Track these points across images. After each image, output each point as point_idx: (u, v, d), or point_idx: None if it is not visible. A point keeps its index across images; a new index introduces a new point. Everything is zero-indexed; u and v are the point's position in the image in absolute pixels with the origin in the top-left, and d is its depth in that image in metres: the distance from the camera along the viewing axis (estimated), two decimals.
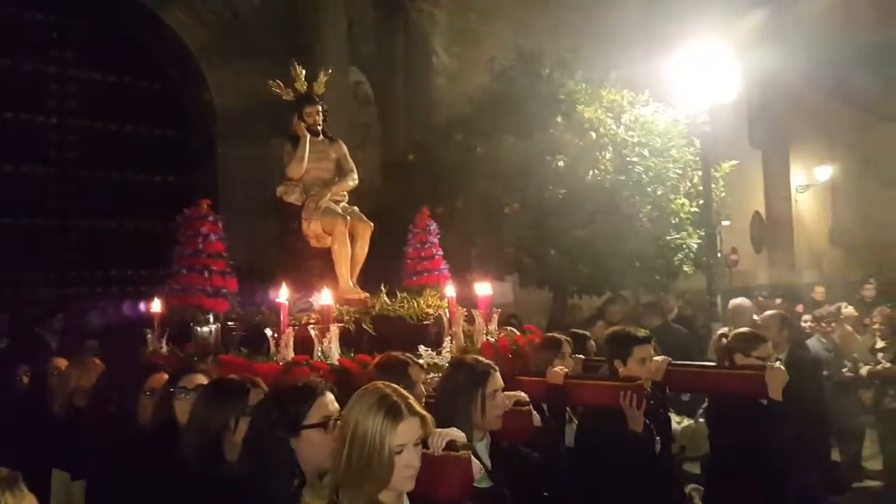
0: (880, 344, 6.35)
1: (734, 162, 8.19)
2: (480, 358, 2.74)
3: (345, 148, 4.95)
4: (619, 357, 3.32)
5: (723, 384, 3.43)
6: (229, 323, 4.43)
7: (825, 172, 14.45)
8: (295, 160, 4.67)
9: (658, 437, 3.18)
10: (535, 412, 2.84)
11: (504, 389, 2.70)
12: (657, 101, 7.92)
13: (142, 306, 5.25)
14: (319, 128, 4.81)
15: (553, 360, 3.46)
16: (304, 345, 3.68)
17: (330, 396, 2.11)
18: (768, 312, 6.90)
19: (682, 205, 7.57)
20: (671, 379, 3.41)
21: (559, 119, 7.47)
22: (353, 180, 4.91)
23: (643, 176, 7.27)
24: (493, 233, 7.41)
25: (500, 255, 7.66)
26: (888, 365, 6.00)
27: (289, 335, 3.69)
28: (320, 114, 4.81)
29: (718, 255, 8.08)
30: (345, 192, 4.89)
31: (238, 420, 2.29)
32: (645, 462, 3.10)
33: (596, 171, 7.26)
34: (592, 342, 4.17)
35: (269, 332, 3.78)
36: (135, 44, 8.90)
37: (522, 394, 2.84)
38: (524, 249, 7.57)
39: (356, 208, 4.86)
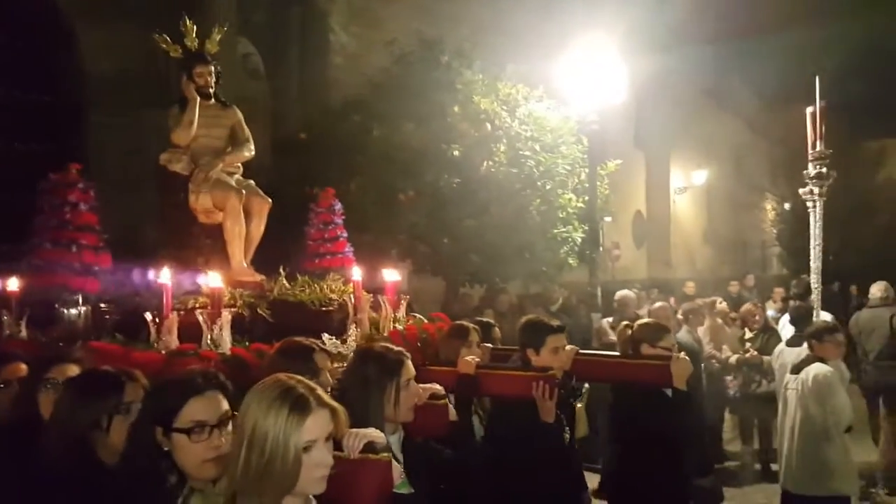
0: (749, 335, 6.89)
1: (619, 161, 8.60)
2: (391, 346, 2.60)
3: (240, 115, 4.59)
4: (532, 346, 3.27)
5: (630, 373, 3.43)
6: (101, 305, 4.02)
7: (702, 176, 15.54)
8: (182, 125, 4.31)
9: (567, 427, 3.16)
10: (450, 405, 2.71)
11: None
12: (550, 97, 8.13)
13: None
14: (211, 90, 4.45)
15: (461, 349, 3.36)
16: (190, 332, 3.39)
17: (211, 397, 1.87)
18: (659, 304, 7.35)
19: (570, 200, 7.85)
20: (578, 368, 3.37)
21: (456, 108, 7.49)
22: (248, 151, 4.56)
23: (534, 170, 7.46)
24: (388, 218, 7.33)
25: (394, 241, 7.60)
26: (754, 353, 6.48)
27: (172, 321, 3.39)
28: (213, 75, 4.45)
29: (601, 249, 8.43)
30: (239, 164, 4.54)
31: (112, 418, 2.06)
32: (556, 453, 3.07)
33: (490, 163, 7.37)
34: (497, 330, 4.13)
35: (148, 316, 3.46)
36: None
37: (437, 386, 2.70)
38: (418, 237, 7.55)
39: (252, 182, 4.50)
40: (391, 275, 4.09)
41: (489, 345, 3.71)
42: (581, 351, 3.50)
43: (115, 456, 2.02)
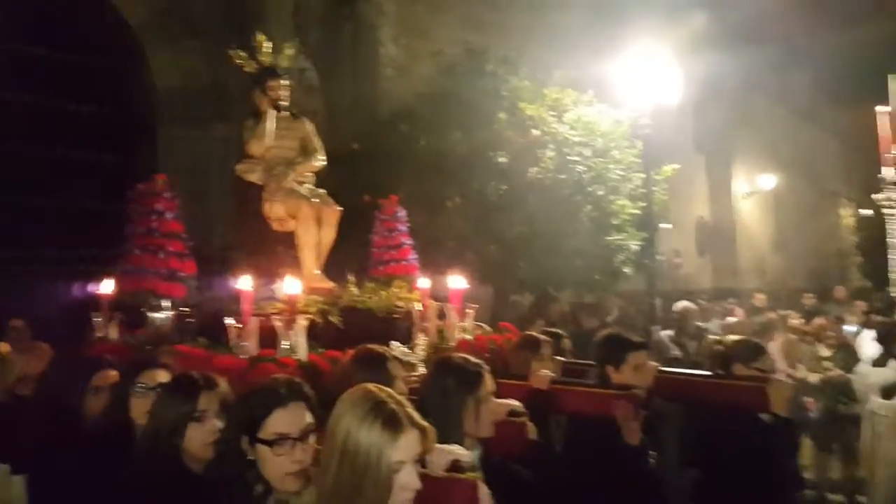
0: (825, 353, 6.44)
1: (676, 166, 8.34)
2: (469, 357, 2.48)
3: (310, 126, 4.72)
4: (612, 362, 3.07)
5: (722, 395, 3.14)
6: (183, 310, 4.14)
7: (769, 181, 14.86)
8: (256, 136, 4.43)
9: (652, 452, 2.90)
10: (529, 423, 2.58)
11: None
12: (602, 101, 7.98)
13: (90, 287, 4.80)
14: (284, 103, 4.58)
15: (532, 362, 3.20)
16: (265, 337, 3.43)
17: (295, 409, 1.83)
18: (733, 319, 6.98)
19: (623, 206, 7.66)
20: (663, 387, 3.13)
21: (502, 115, 7.46)
22: (318, 160, 4.67)
23: (584, 176, 7.33)
24: (435, 226, 7.35)
25: (441, 249, 7.61)
26: (839, 372, 5.97)
27: (252, 326, 3.41)
28: (285, 88, 4.59)
29: (658, 257, 8.17)
30: (310, 173, 4.64)
31: (186, 425, 2.08)
32: (639, 478, 2.83)
33: (537, 169, 7.28)
34: (567, 341, 3.90)
35: (230, 321, 3.48)
36: (74, 18, 8.53)
37: (515, 402, 2.56)
38: (466, 244, 7.53)
39: (323, 191, 4.58)
40: (457, 282, 4.00)
41: (560, 358, 3.51)
42: (662, 369, 3.29)
43: (195, 463, 2.06)
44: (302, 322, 3.39)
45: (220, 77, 8.77)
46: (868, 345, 5.73)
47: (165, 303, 4.05)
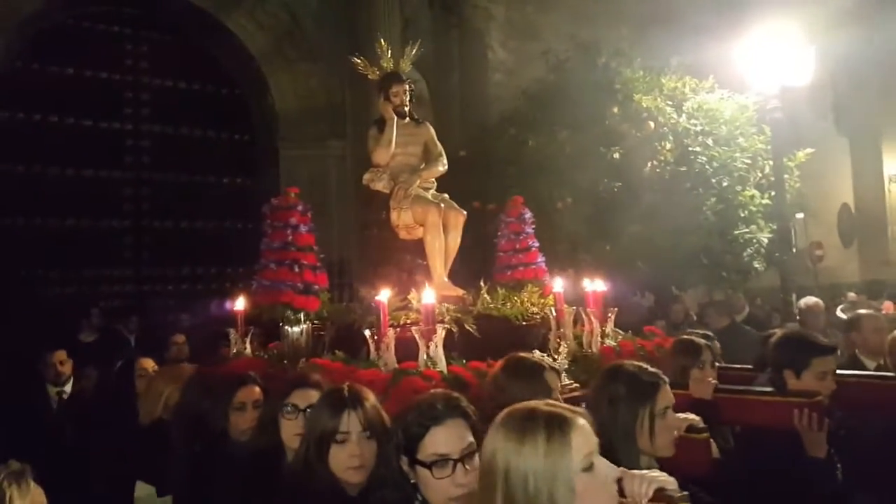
0: None
1: (810, 150, 7.62)
2: (645, 365, 2.24)
3: (432, 131, 4.59)
4: (793, 367, 2.76)
5: None
6: (315, 323, 4.03)
7: None
8: (382, 145, 4.32)
9: (839, 465, 2.62)
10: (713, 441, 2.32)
11: None
12: (724, 87, 7.44)
13: (227, 304, 4.94)
14: (406, 108, 4.45)
15: (692, 370, 2.93)
16: (401, 348, 3.31)
17: (453, 426, 1.68)
18: (867, 311, 6.31)
19: (752, 197, 7.10)
20: (845, 394, 2.80)
21: (615, 109, 7.15)
22: (442, 165, 4.52)
23: (707, 166, 6.87)
24: (545, 228, 7.16)
25: (553, 250, 7.41)
26: None
27: (391, 337, 3.28)
28: (407, 93, 4.45)
29: (793, 250, 7.47)
30: (433, 179, 4.50)
31: (329, 445, 1.95)
32: (828, 496, 2.58)
33: (655, 163, 6.90)
34: (717, 344, 3.56)
35: (368, 333, 3.38)
36: (202, 51, 9.23)
37: (694, 416, 2.29)
38: (579, 245, 7.28)
39: (447, 195, 4.45)
40: (596, 285, 3.81)
41: (717, 363, 3.18)
42: (840, 372, 2.94)
43: (348, 486, 1.94)
44: (441, 332, 3.25)
45: (335, 97, 9.16)
46: None
47: (302, 316, 3.94)
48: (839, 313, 6.75)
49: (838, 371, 2.91)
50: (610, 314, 3.87)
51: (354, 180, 8.89)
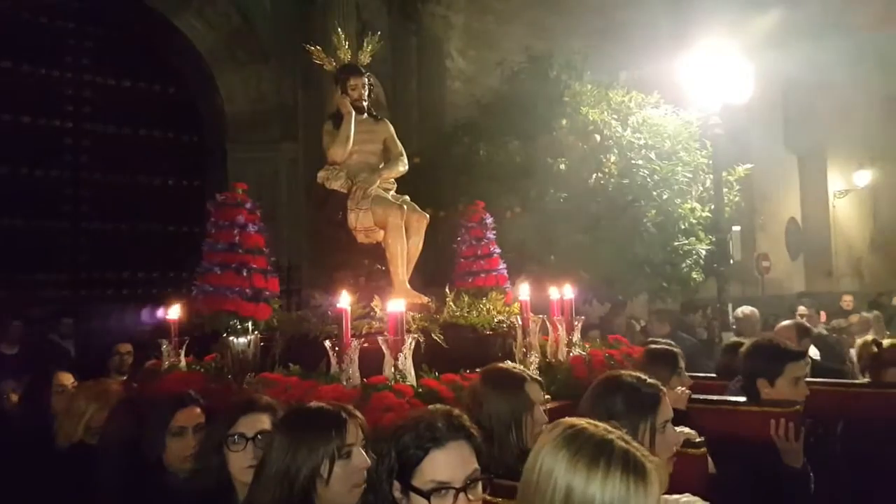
0: None
1: (749, 166, 8.09)
2: (643, 376, 2.17)
3: (392, 128, 4.46)
4: (766, 375, 2.77)
5: (882, 406, 2.95)
6: (263, 332, 3.77)
7: (864, 177, 14.08)
8: (339, 141, 4.14)
9: (812, 475, 2.62)
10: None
11: None
12: (670, 102, 7.87)
13: (160, 312, 4.84)
14: (365, 103, 4.30)
15: (670, 379, 2.84)
16: (362, 361, 3.13)
17: (455, 450, 1.54)
18: (785, 322, 6.79)
19: (692, 209, 7.49)
20: (816, 401, 2.80)
21: (564, 122, 7.48)
22: (403, 165, 4.38)
23: (648, 179, 7.23)
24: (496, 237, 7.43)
25: (503, 259, 7.68)
26: None
27: (354, 349, 3.08)
28: (366, 87, 4.31)
29: (731, 261, 7.92)
30: (393, 180, 4.36)
31: (333, 464, 1.74)
32: None
33: (599, 175, 7.25)
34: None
35: (328, 344, 3.17)
36: (149, 49, 9.23)
37: (689, 430, 2.24)
38: (527, 254, 7.57)
39: (407, 197, 4.31)
40: (565, 293, 3.77)
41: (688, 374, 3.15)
42: (809, 379, 2.99)
43: None
44: (410, 342, 3.07)
45: (287, 99, 9.29)
46: None
47: (249, 326, 3.66)
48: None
49: (813, 379, 2.99)
50: (577, 323, 3.84)
51: (306, 184, 9.08)
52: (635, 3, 9.85)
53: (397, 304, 3.10)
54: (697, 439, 2.20)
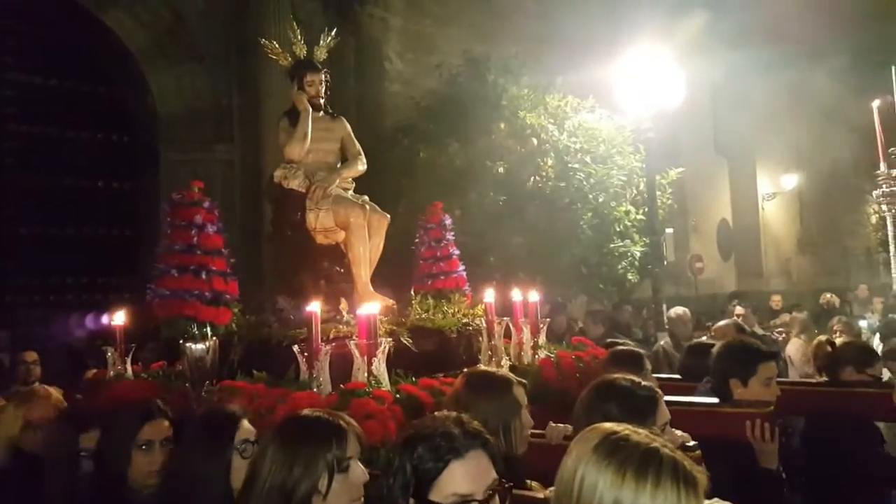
0: None
1: (681, 169, 8.36)
2: (636, 379, 2.14)
3: (349, 127, 4.40)
4: (739, 376, 2.73)
5: (845, 404, 2.97)
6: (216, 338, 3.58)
7: (791, 180, 14.73)
8: (295, 138, 4.03)
9: (784, 475, 2.63)
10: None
11: None
12: (605, 107, 8.04)
13: (102, 319, 4.67)
14: (322, 100, 4.25)
15: None
16: (331, 367, 3.01)
17: (475, 460, 1.47)
18: (723, 322, 7.02)
19: (626, 212, 7.69)
20: (783, 400, 2.78)
21: (502, 125, 7.56)
22: (362, 164, 4.34)
23: (584, 183, 7.38)
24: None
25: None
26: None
27: (325, 355, 2.96)
28: (323, 83, 4.25)
29: (665, 262, 8.16)
30: (351, 180, 4.30)
31: (332, 478, 1.65)
32: None
33: (537, 178, 7.36)
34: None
35: (297, 350, 3.02)
36: (76, 47, 8.90)
37: (681, 433, 2.18)
38: (467, 256, 7.61)
39: (367, 197, 4.24)
40: (529, 295, 3.73)
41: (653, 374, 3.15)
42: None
43: None
44: (384, 346, 2.96)
45: (221, 99, 9.11)
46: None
47: (208, 331, 3.48)
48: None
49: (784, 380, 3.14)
50: (542, 325, 3.79)
51: (241, 185, 8.91)
52: (572, 10, 10.04)
53: (370, 307, 3.00)
54: (691, 442, 2.13)
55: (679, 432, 2.16)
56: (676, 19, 10.20)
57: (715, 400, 2.80)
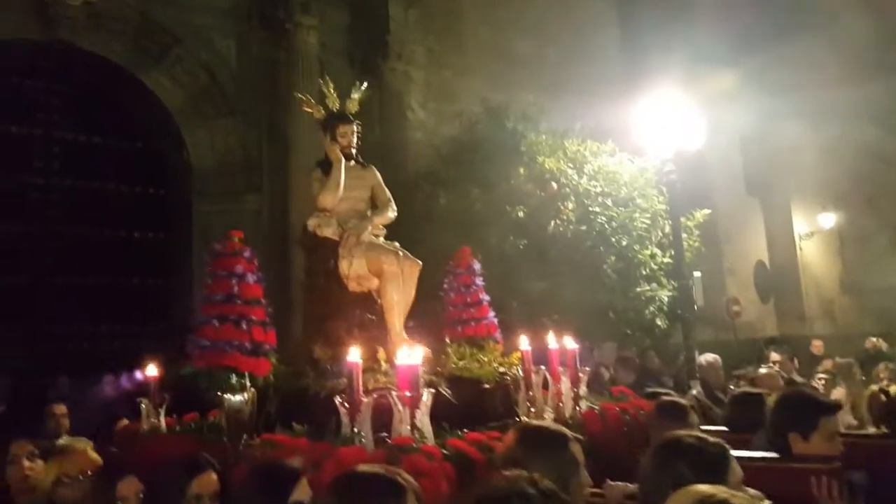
0: None
1: (707, 211, 8.18)
2: (703, 435, 2.02)
3: (379, 175, 4.53)
4: (799, 430, 2.62)
5: None
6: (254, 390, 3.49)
7: (829, 219, 14.27)
8: (329, 187, 4.12)
9: None
10: None
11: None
12: (625, 150, 8.01)
13: (137, 375, 4.65)
14: (354, 150, 4.39)
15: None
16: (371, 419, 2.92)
17: None
18: (763, 370, 6.73)
19: (652, 255, 7.54)
20: (851, 455, 2.69)
21: (521, 170, 7.58)
22: (392, 211, 4.42)
23: (606, 226, 7.30)
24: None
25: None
26: None
27: (367, 406, 2.83)
28: (355, 134, 4.42)
29: (695, 307, 7.92)
30: (382, 227, 4.36)
31: None
32: None
33: (558, 222, 7.31)
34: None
35: (339, 401, 2.90)
36: (117, 106, 9.35)
37: (754, 492, 2.07)
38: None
39: (398, 244, 4.28)
40: (566, 342, 3.71)
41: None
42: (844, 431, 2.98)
43: None
44: (428, 398, 2.84)
45: (252, 152, 9.42)
46: None
47: (244, 382, 3.40)
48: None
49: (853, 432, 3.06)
50: (582, 374, 3.71)
51: (269, 234, 9.08)
52: (590, 57, 10.15)
53: (412, 357, 2.88)
54: (766, 500, 1.99)
55: (753, 491, 2.01)
56: (697, 65, 10.19)
57: (774, 455, 2.64)
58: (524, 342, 3.59)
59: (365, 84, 4.68)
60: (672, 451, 1.95)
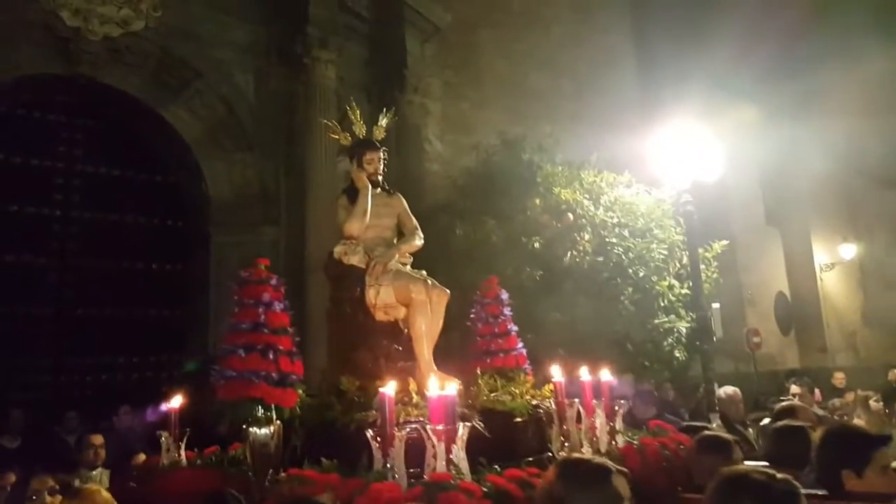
0: None
1: (725, 242, 8.08)
2: (770, 471, 1.94)
3: (405, 202, 4.49)
4: (852, 466, 2.53)
5: None
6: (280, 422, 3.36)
7: (850, 250, 14.09)
8: (355, 215, 4.07)
9: None
10: None
11: None
12: (641, 181, 7.97)
13: (162, 408, 4.36)
14: (380, 177, 4.36)
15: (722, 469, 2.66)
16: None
17: None
18: (785, 403, 6.57)
19: (670, 286, 7.45)
20: None
21: (537, 201, 7.56)
22: (419, 239, 4.36)
23: (623, 257, 7.23)
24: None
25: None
26: None
27: (400, 440, 2.75)
28: (381, 161, 4.39)
29: (714, 339, 7.78)
30: (409, 255, 4.30)
31: None
32: None
33: (574, 253, 7.26)
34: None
35: (370, 435, 2.82)
36: (137, 139, 9.47)
37: None
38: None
39: (425, 272, 4.21)
40: (601, 374, 3.60)
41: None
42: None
43: None
44: (464, 432, 2.74)
45: (269, 184, 9.49)
46: None
47: (270, 414, 3.30)
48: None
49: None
50: (618, 408, 3.59)
51: (286, 266, 9.10)
52: (606, 89, 10.19)
53: (447, 389, 2.79)
54: None
55: None
56: (717, 93, 10.20)
57: (824, 492, 2.53)
58: (556, 373, 3.44)
59: (393, 109, 4.69)
60: (736, 487, 1.85)
